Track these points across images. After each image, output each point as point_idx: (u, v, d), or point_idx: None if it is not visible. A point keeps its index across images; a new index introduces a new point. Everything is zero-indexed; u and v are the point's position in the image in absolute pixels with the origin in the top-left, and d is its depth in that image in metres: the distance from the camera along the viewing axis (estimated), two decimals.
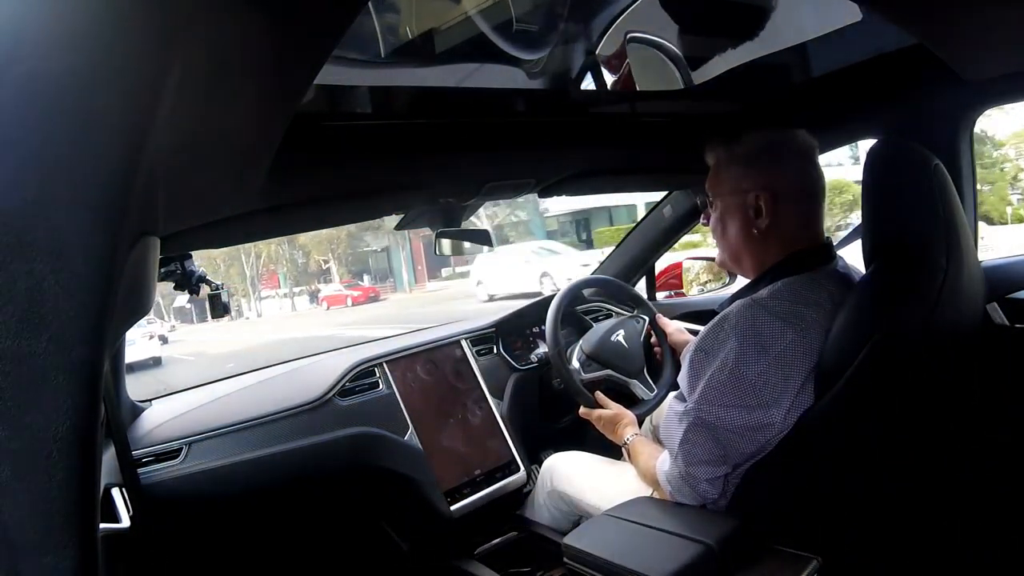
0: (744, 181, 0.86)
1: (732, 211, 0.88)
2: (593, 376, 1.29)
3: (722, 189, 0.90)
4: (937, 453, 0.92)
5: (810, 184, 0.87)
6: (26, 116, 0.31)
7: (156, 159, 0.40)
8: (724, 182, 0.89)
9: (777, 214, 0.85)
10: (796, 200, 0.86)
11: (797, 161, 0.86)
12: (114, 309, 0.36)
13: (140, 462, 1.08)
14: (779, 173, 0.85)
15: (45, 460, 0.32)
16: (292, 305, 17.15)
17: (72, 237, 0.33)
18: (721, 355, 0.80)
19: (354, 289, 16.30)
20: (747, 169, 0.87)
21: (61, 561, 0.33)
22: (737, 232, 0.88)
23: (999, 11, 0.64)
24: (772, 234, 0.86)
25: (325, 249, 17.09)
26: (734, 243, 0.90)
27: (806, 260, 0.85)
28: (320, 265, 17.71)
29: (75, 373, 0.33)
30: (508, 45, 0.72)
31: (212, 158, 0.54)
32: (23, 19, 0.31)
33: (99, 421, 0.36)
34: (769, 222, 0.85)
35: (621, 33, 1.05)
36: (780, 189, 0.85)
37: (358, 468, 1.24)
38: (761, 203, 0.85)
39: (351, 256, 18.19)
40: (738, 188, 0.87)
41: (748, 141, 0.88)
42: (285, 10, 0.39)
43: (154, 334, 10.83)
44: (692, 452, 0.83)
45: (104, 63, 0.33)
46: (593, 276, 1.69)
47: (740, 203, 0.87)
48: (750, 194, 0.85)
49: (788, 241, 0.86)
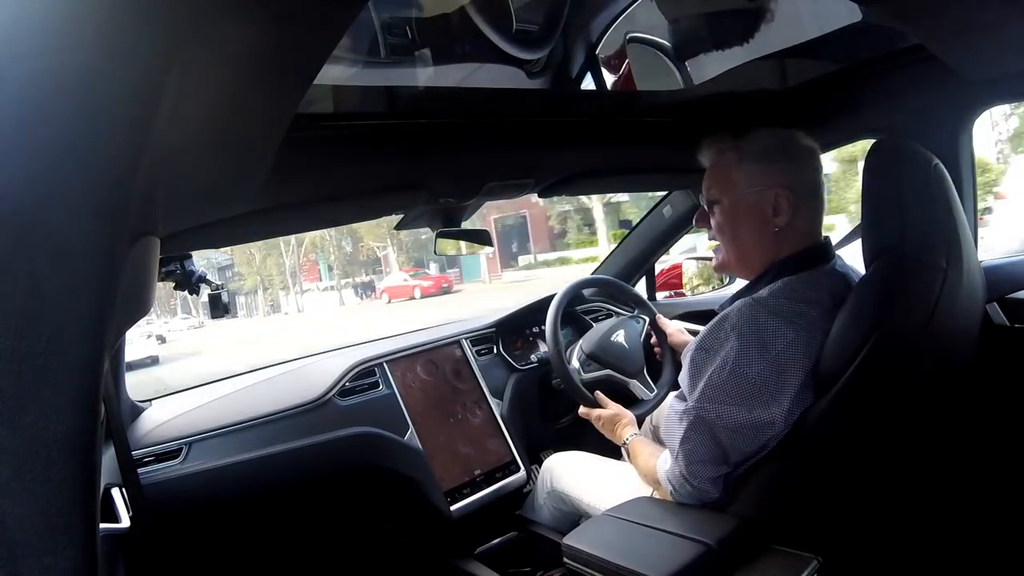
0: (763, 178, 0.86)
1: (746, 209, 0.87)
2: (593, 376, 1.29)
3: (732, 187, 0.88)
4: (937, 453, 0.92)
5: (820, 184, 0.88)
6: (26, 117, 0.31)
7: (156, 159, 0.40)
8: (736, 180, 0.88)
9: (795, 212, 0.85)
10: (811, 199, 0.86)
11: (810, 161, 0.87)
12: (114, 309, 0.36)
13: (140, 462, 1.08)
14: (797, 171, 0.86)
15: (45, 460, 0.32)
16: (340, 299, 15.44)
17: (72, 237, 0.33)
18: (721, 354, 0.80)
19: (423, 279, 13.81)
20: (765, 166, 0.86)
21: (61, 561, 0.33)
22: (751, 230, 0.87)
23: (999, 11, 0.64)
24: (787, 232, 0.86)
25: (383, 235, 14.92)
26: (746, 242, 0.89)
27: (806, 259, 0.85)
28: (373, 252, 15.84)
29: (75, 373, 0.33)
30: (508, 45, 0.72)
31: (212, 158, 0.54)
32: (23, 20, 0.31)
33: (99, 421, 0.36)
34: (787, 220, 0.85)
35: (621, 33, 1.05)
36: (799, 187, 0.85)
37: (358, 468, 1.24)
38: (783, 200, 0.84)
39: (411, 242, 15.33)
40: (755, 185, 0.86)
41: (759, 138, 0.87)
42: (285, 10, 0.39)
43: (152, 333, 10.83)
44: (692, 451, 0.83)
45: (104, 64, 0.33)
46: (593, 276, 1.69)
47: (757, 200, 0.86)
48: (770, 191, 0.85)
49: (798, 240, 0.86)
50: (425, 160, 0.89)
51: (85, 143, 0.34)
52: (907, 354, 0.77)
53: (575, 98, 1.03)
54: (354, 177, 0.87)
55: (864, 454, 0.80)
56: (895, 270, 0.77)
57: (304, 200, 0.86)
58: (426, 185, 0.97)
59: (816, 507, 0.80)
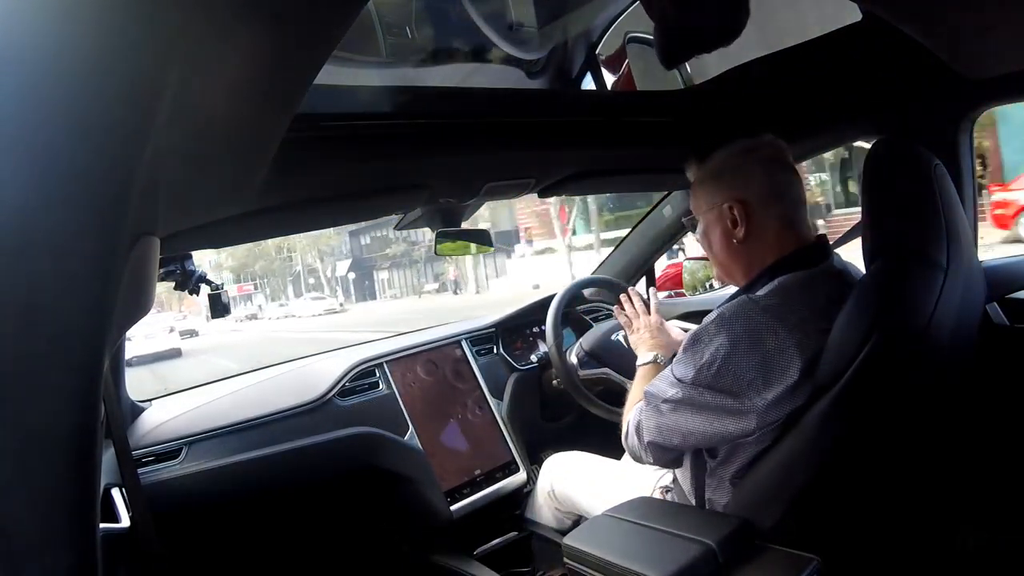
0: (715, 195, 0.89)
1: (711, 226, 0.91)
2: (590, 373, 1.29)
3: (700, 207, 0.93)
4: (937, 453, 0.92)
5: (781, 187, 0.88)
6: (27, 117, 0.31)
7: (156, 160, 0.40)
8: (700, 199, 0.93)
9: (752, 221, 0.87)
10: (768, 204, 0.87)
11: (762, 166, 0.88)
12: (114, 309, 0.36)
13: (140, 462, 1.08)
14: (746, 182, 0.87)
15: (45, 460, 0.32)
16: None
17: (72, 237, 0.33)
18: (712, 348, 0.80)
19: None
20: (716, 183, 0.90)
21: (61, 561, 0.33)
22: (720, 245, 0.91)
23: (999, 11, 0.64)
24: (753, 241, 0.88)
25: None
26: (720, 256, 0.92)
27: (802, 258, 0.86)
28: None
29: (75, 373, 0.33)
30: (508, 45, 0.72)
31: (212, 158, 0.54)
32: (24, 20, 0.31)
33: (99, 421, 0.36)
34: (746, 230, 0.87)
35: (621, 33, 1.05)
36: (749, 197, 0.87)
37: (358, 468, 1.24)
38: (735, 213, 0.87)
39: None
40: (711, 203, 0.90)
41: (716, 157, 0.91)
42: (284, 11, 0.39)
43: (173, 327, 10.88)
44: (658, 416, 0.85)
45: (105, 65, 0.33)
46: (593, 276, 1.69)
47: (716, 216, 0.90)
48: (723, 206, 0.88)
49: (773, 245, 0.87)
50: (425, 160, 0.89)
51: (85, 144, 0.34)
52: (907, 354, 0.77)
53: (575, 98, 1.03)
54: (354, 177, 0.87)
55: (864, 454, 0.80)
56: (895, 270, 0.77)
57: (304, 200, 0.86)
58: (426, 185, 0.97)
59: (816, 507, 0.80)
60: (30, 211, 0.32)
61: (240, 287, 23.50)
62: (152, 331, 10.68)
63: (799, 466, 0.80)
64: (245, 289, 24.09)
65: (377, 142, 0.80)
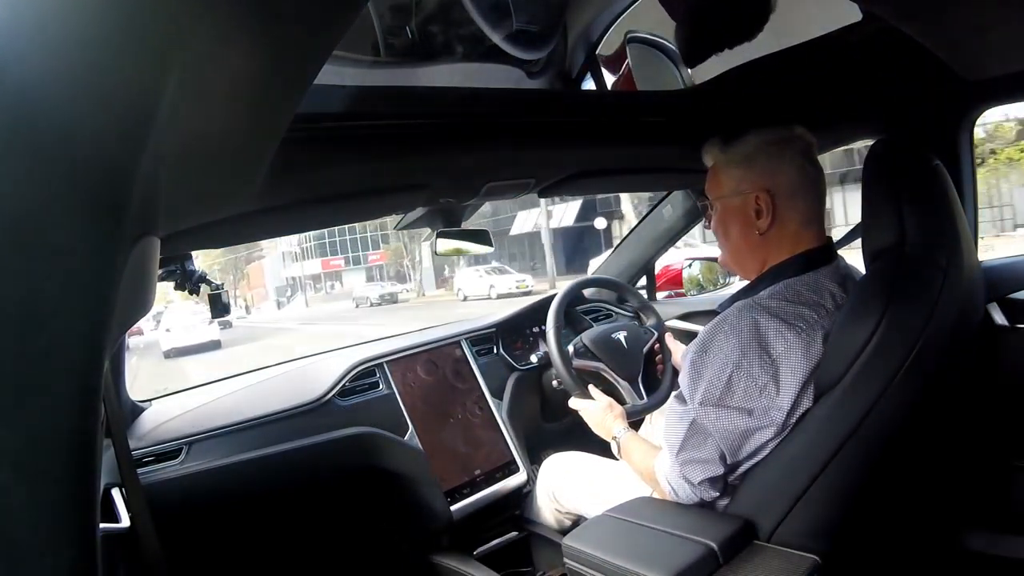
0: (743, 183, 0.86)
1: (733, 213, 0.88)
2: (585, 364, 1.29)
3: (721, 192, 0.89)
4: (938, 454, 0.92)
5: (809, 182, 0.86)
6: (26, 117, 0.31)
7: (156, 160, 0.40)
8: (723, 184, 0.89)
9: (778, 214, 0.85)
10: (796, 199, 0.85)
11: (795, 159, 0.86)
12: (114, 309, 0.36)
13: (140, 462, 1.08)
14: (777, 172, 0.85)
15: (45, 460, 0.32)
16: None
17: (72, 237, 0.33)
18: (720, 357, 0.80)
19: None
20: (746, 170, 0.86)
21: (61, 561, 0.33)
22: (739, 234, 0.88)
23: (999, 11, 0.64)
24: (775, 234, 0.85)
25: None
26: (737, 245, 0.90)
27: (807, 261, 0.85)
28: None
29: (75, 373, 0.33)
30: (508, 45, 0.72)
31: (212, 158, 0.54)
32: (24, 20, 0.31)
33: (99, 421, 0.36)
34: (770, 222, 0.85)
35: (621, 33, 1.05)
36: (779, 189, 0.84)
37: (358, 468, 1.24)
38: (761, 204, 0.84)
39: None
40: (737, 190, 0.87)
41: (745, 142, 0.87)
42: (284, 11, 0.39)
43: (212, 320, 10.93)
44: (692, 453, 0.83)
45: (104, 64, 0.33)
46: (595, 276, 1.69)
47: (741, 205, 0.87)
48: (750, 195, 0.85)
49: (791, 240, 0.86)
50: (425, 160, 0.89)
51: (85, 144, 0.34)
52: (907, 355, 0.77)
53: (575, 98, 1.03)
54: (354, 177, 0.87)
55: (864, 454, 0.80)
56: (895, 270, 0.77)
57: (304, 200, 0.86)
58: (426, 185, 0.97)
59: (816, 507, 0.80)
60: (30, 211, 0.32)
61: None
62: (192, 321, 10.63)
63: (800, 467, 0.80)
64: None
65: (377, 142, 0.80)
